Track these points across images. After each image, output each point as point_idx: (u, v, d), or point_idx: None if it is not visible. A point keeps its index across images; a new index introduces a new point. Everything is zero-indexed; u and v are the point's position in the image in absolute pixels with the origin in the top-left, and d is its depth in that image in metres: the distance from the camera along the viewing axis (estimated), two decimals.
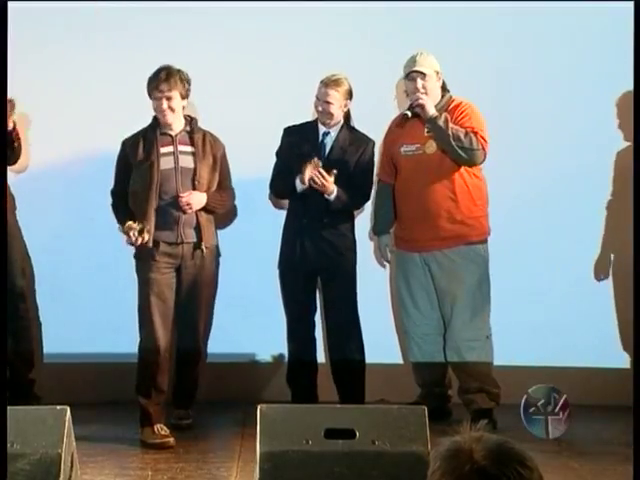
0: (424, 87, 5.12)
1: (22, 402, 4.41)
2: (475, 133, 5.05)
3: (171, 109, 4.96)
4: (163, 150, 5.00)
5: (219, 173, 5.11)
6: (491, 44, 5.65)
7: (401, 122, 5.24)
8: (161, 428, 4.89)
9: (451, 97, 5.21)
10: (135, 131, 5.11)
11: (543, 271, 5.67)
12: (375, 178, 5.43)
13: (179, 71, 4.98)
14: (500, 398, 5.23)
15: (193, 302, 5.09)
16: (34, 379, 5.29)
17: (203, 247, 5.02)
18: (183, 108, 5.05)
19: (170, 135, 5.03)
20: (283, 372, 5.42)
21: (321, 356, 5.44)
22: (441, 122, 5.03)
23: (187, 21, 5.64)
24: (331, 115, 5.26)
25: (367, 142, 5.34)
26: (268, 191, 5.48)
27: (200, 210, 5.02)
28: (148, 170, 4.96)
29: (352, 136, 5.33)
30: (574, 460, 4.69)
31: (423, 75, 5.13)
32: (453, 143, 5.02)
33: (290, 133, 5.37)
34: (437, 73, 5.17)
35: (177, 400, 5.21)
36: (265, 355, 5.79)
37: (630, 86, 5.42)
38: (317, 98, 5.25)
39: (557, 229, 5.70)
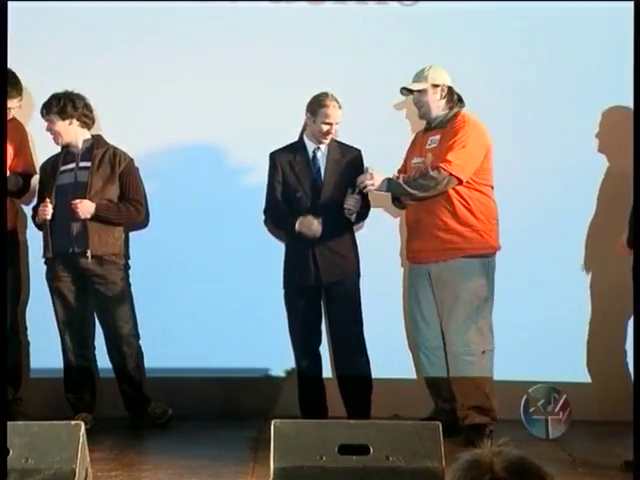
0: (419, 102, 5.18)
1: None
2: (437, 167, 5.02)
3: (56, 132, 5.32)
4: (66, 167, 5.35)
5: (120, 186, 5.34)
6: (493, 50, 5.65)
7: (416, 136, 5.32)
8: (86, 417, 5.24)
9: (458, 112, 5.16)
10: None
11: (546, 285, 5.64)
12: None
13: (61, 97, 5.28)
14: (495, 413, 5.09)
15: (102, 310, 5.38)
16: (20, 397, 5.38)
17: (88, 255, 5.24)
18: (89, 128, 5.38)
19: (73, 153, 5.37)
20: (296, 387, 5.41)
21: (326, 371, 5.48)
22: (393, 187, 5.12)
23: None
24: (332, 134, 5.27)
25: (356, 152, 5.35)
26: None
27: (91, 220, 5.24)
28: (48, 185, 5.34)
29: (341, 148, 5.33)
30: (589, 477, 4.66)
31: (409, 92, 5.20)
32: (418, 193, 5.07)
33: (279, 156, 5.33)
34: (435, 87, 5.14)
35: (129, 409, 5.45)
36: (278, 370, 5.78)
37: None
38: (326, 121, 5.20)
39: (561, 243, 5.66)
